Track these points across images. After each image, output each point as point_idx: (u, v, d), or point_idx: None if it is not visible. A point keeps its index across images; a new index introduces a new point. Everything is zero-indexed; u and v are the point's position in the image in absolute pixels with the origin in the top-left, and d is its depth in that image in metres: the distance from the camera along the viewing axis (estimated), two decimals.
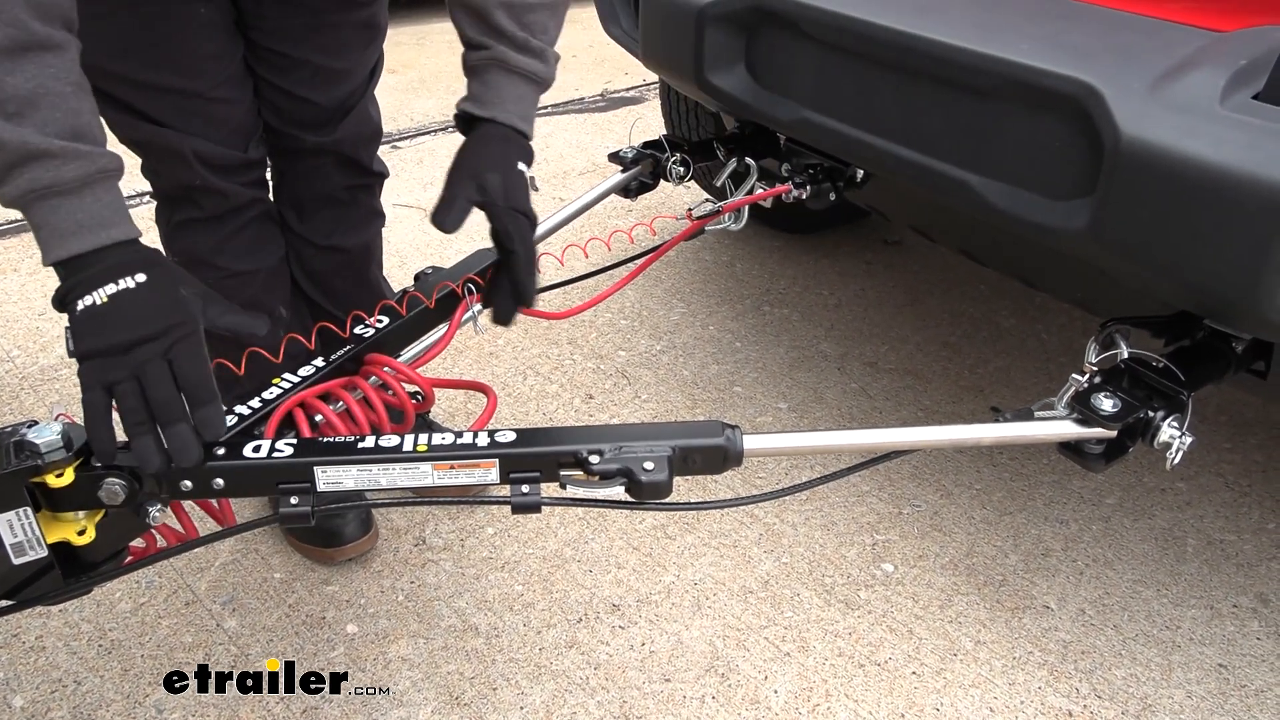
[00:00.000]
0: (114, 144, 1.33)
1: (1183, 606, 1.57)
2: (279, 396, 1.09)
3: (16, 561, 0.92)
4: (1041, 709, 1.39)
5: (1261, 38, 1.14)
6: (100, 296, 0.88)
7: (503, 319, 1.20)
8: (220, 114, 1.32)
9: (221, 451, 0.96)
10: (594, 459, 0.97)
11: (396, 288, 1.65)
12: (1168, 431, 1.07)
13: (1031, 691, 1.41)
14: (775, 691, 1.41)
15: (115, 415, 0.89)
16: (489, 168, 1.13)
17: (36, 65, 0.84)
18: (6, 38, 0.83)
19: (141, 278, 0.89)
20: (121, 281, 0.88)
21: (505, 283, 1.18)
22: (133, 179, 1.07)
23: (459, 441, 0.98)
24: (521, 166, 1.16)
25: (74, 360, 0.89)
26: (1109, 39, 1.24)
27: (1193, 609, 1.56)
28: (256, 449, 0.97)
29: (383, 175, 1.59)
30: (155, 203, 1.44)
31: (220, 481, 0.96)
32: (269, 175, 1.50)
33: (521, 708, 1.37)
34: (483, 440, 0.99)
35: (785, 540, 1.68)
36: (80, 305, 0.88)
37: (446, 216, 1.12)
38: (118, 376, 0.87)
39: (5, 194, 0.87)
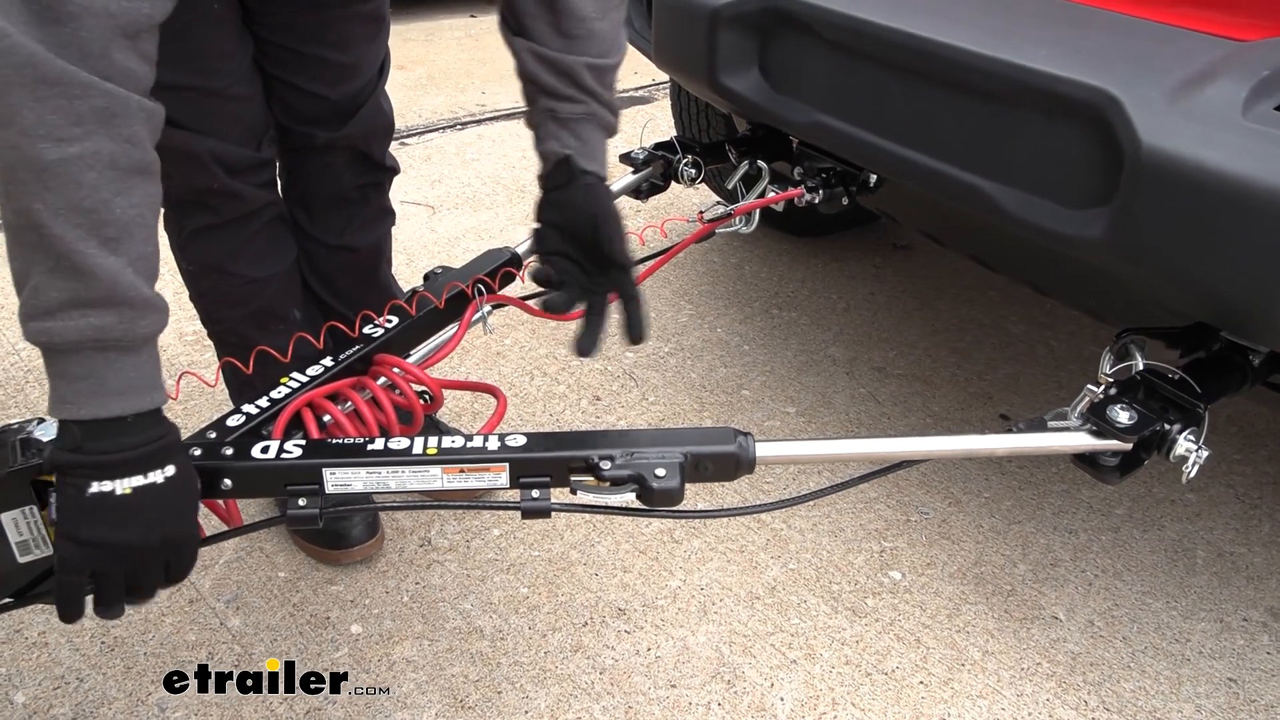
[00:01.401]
0: None
1: (1192, 619, 1.56)
2: (287, 396, 1.08)
3: (21, 560, 0.91)
4: None
5: None
6: (123, 487, 0.81)
7: (591, 350, 1.17)
8: (235, 112, 1.31)
9: (229, 452, 0.96)
10: (605, 465, 0.96)
11: (405, 286, 1.64)
12: (1184, 445, 1.06)
13: (1039, 703, 1.40)
14: (781, 699, 1.40)
15: None
16: (617, 227, 1.15)
17: (142, 192, 0.79)
18: (127, 157, 0.77)
19: (170, 471, 0.83)
20: (150, 475, 0.82)
21: (601, 325, 1.17)
22: None
23: (469, 445, 0.98)
24: None
25: None
26: (1129, 46, 1.23)
27: (1202, 622, 1.55)
28: (265, 450, 0.96)
29: (394, 170, 1.59)
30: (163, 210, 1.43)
31: (228, 482, 0.95)
32: (278, 176, 1.49)
33: (526, 711, 1.36)
34: (493, 444, 0.98)
35: (792, 546, 1.67)
36: (94, 489, 0.80)
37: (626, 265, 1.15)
38: (109, 569, 0.84)
39: (56, 331, 0.77)
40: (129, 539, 0.82)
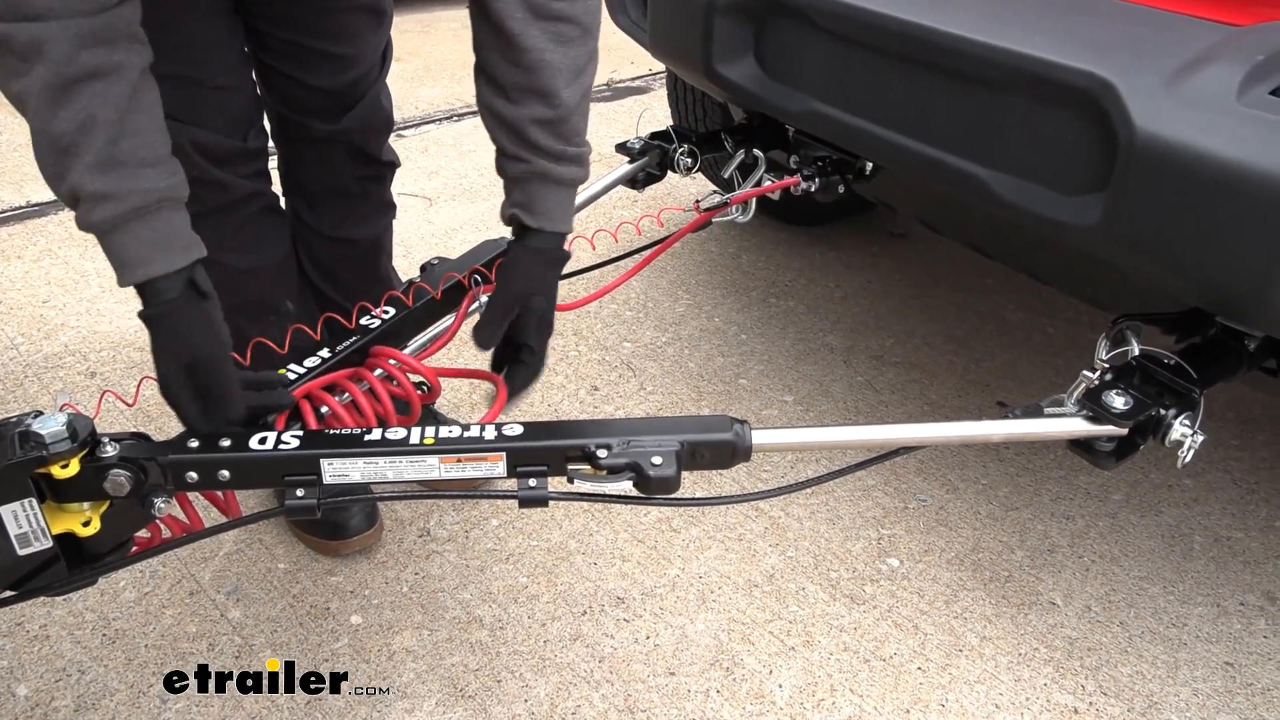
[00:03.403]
0: None
1: (1189, 604, 1.56)
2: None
3: (21, 552, 0.92)
4: (1047, 706, 1.38)
5: (1278, 32, 1.13)
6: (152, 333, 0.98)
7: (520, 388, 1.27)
8: (219, 102, 1.30)
9: (227, 443, 0.96)
10: (602, 453, 0.96)
11: (403, 278, 1.65)
12: (1179, 430, 1.07)
13: (1037, 688, 1.41)
14: (780, 686, 1.40)
15: None
16: (535, 289, 1.20)
17: (86, 97, 0.87)
18: (54, 76, 0.85)
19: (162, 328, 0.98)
20: (156, 331, 0.98)
21: (514, 377, 1.26)
22: None
23: (466, 434, 0.98)
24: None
25: (78, 350, 0.90)
26: (1124, 32, 1.23)
27: (1199, 606, 1.56)
28: (263, 441, 0.96)
29: (394, 165, 1.58)
30: None
31: (226, 473, 0.95)
32: (274, 167, 1.49)
33: (526, 700, 1.37)
34: (490, 434, 0.98)
35: (790, 534, 1.68)
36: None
37: (488, 336, 1.20)
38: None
39: (86, 229, 0.93)
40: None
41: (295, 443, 0.96)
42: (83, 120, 0.87)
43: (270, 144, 1.45)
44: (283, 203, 1.54)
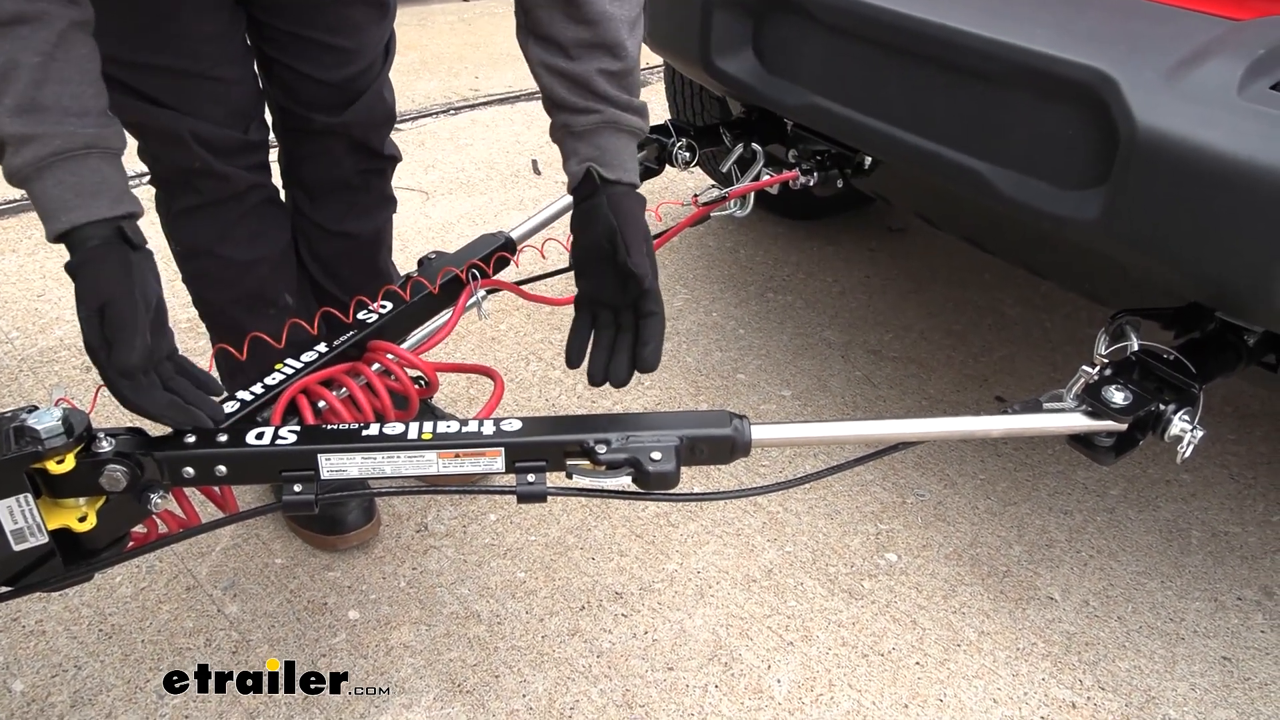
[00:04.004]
0: None
1: (1187, 598, 1.56)
2: (282, 382, 1.08)
3: (17, 548, 0.91)
4: (1045, 700, 1.39)
5: (1278, 26, 1.13)
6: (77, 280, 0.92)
7: (620, 380, 1.14)
8: (219, 93, 1.30)
9: (224, 438, 0.96)
10: (601, 449, 0.96)
11: (402, 273, 1.64)
12: (1179, 425, 1.07)
13: (1035, 683, 1.41)
14: (778, 681, 1.40)
15: None
16: (636, 235, 1.11)
17: (6, 41, 0.86)
18: None
19: (83, 273, 0.92)
20: (79, 277, 0.92)
21: (629, 343, 1.14)
22: (130, 161, 1.05)
23: (464, 429, 0.98)
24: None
25: (74, 344, 0.88)
26: (1124, 26, 1.23)
27: (1197, 601, 1.56)
28: (260, 436, 0.96)
29: (395, 159, 1.57)
30: (154, 190, 1.42)
31: (223, 469, 0.95)
32: (275, 159, 1.48)
33: (524, 695, 1.37)
34: (488, 429, 0.98)
35: (789, 529, 1.68)
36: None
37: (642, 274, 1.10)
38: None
39: (13, 180, 0.91)
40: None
41: (292, 438, 0.96)
42: (2, 64, 0.86)
43: (271, 137, 1.44)
44: (283, 195, 1.53)
